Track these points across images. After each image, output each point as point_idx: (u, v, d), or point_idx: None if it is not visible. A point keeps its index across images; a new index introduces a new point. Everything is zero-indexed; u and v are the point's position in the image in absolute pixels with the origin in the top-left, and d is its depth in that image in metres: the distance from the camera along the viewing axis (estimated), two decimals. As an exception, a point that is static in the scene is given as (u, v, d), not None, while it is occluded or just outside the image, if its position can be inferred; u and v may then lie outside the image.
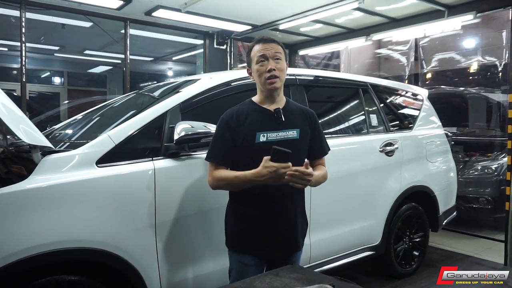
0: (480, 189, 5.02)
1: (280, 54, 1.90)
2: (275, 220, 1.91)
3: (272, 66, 1.86)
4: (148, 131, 2.22)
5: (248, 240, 1.92)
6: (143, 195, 2.08)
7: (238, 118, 1.90)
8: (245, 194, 1.89)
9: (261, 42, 1.92)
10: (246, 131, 1.87)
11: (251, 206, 1.91)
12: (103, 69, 9.79)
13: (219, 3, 4.62)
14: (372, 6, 4.72)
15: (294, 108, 2.01)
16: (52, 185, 1.85)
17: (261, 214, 1.90)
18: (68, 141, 2.57)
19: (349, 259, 3.08)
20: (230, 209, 2.01)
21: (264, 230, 1.91)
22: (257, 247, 1.92)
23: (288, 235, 1.95)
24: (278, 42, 1.94)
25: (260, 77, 1.89)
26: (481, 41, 6.86)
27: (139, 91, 3.25)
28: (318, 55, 7.58)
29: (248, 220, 1.92)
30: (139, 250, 2.07)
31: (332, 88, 3.40)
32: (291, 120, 1.93)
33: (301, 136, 1.93)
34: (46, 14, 5.51)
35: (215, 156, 1.91)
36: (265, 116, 1.91)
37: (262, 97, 1.95)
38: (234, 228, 1.96)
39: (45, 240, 1.80)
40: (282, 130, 1.90)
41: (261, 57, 1.89)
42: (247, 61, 2.01)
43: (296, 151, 1.88)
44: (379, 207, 3.29)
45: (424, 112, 3.97)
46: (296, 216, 1.97)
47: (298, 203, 2.00)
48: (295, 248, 1.99)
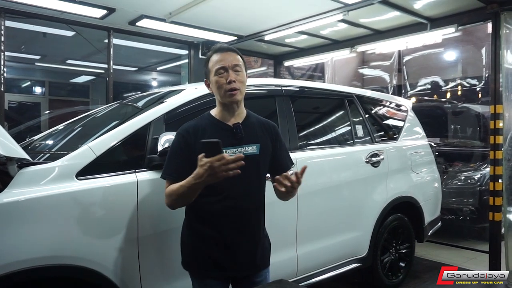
0: (463, 199, 5.07)
1: (240, 65, 1.81)
2: (235, 238, 1.80)
3: (232, 78, 1.75)
4: (130, 142, 2.16)
5: (206, 261, 1.80)
6: (125, 209, 2.01)
7: (195, 133, 1.78)
8: (202, 211, 1.80)
9: (219, 51, 1.81)
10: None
11: (209, 223, 1.80)
12: (85, 79, 9.64)
13: (204, 14, 4.60)
14: (356, 18, 4.78)
15: (255, 121, 1.90)
16: (29, 199, 1.77)
17: (219, 233, 1.79)
18: (47, 152, 2.49)
19: (336, 271, 3.04)
20: (185, 227, 1.89)
21: (224, 249, 1.79)
22: (216, 268, 1.80)
23: (250, 254, 1.84)
24: (237, 52, 1.84)
25: (220, 89, 1.78)
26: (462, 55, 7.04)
27: (122, 101, 3.18)
28: (303, 66, 7.62)
29: (205, 239, 1.80)
30: (121, 266, 1.99)
31: (318, 98, 3.39)
32: (251, 135, 1.83)
33: (261, 151, 1.83)
34: (26, 22, 5.41)
35: (170, 173, 1.77)
36: (223, 131, 1.79)
37: (221, 111, 1.84)
38: (191, 247, 1.85)
39: (21, 257, 1.71)
40: (241, 146, 1.79)
41: (220, 69, 1.77)
42: (204, 72, 1.88)
43: (256, 167, 1.81)
44: (366, 218, 3.28)
45: (408, 123, 4.01)
46: (258, 234, 1.87)
47: (259, 221, 1.89)
48: (259, 266, 1.89)
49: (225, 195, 1.77)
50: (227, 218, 1.79)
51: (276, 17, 4.78)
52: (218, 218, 1.79)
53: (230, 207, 1.77)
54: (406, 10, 4.40)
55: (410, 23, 4.86)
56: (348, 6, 4.19)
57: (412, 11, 4.48)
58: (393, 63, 7.26)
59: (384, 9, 4.39)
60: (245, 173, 1.59)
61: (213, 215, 1.79)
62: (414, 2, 4.25)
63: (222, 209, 1.77)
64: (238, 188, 1.77)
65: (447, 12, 4.50)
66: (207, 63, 1.85)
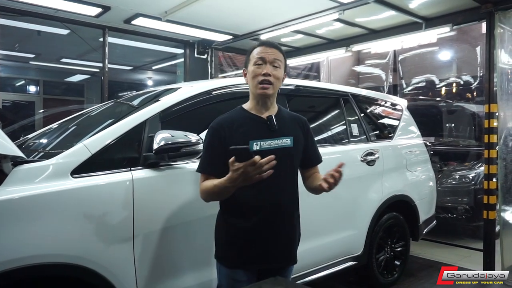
0: (458, 198, 5.10)
1: (279, 61, 1.83)
2: (271, 232, 1.82)
3: (268, 71, 1.79)
4: (126, 140, 2.14)
5: (241, 254, 1.82)
6: (121, 207, 2.00)
7: (229, 126, 1.81)
8: (239, 205, 1.81)
9: (264, 45, 1.85)
10: (239, 140, 1.76)
11: (244, 217, 1.82)
12: (80, 78, 9.59)
13: (200, 13, 4.59)
14: (352, 18, 4.80)
15: (286, 115, 1.94)
16: (23, 196, 1.76)
17: (256, 226, 1.80)
18: (42, 150, 2.47)
19: (332, 269, 3.05)
20: (220, 220, 1.92)
21: (259, 243, 1.82)
22: (251, 262, 1.82)
23: (283, 247, 1.87)
24: (281, 50, 1.87)
25: (254, 79, 1.81)
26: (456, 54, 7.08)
27: (118, 100, 3.17)
28: (299, 65, 7.63)
29: (240, 232, 1.82)
30: (116, 264, 1.98)
31: (314, 97, 3.40)
32: (284, 128, 1.87)
33: (295, 144, 1.87)
34: (21, 20, 5.36)
35: (204, 167, 1.82)
36: (258, 124, 1.84)
37: (254, 104, 1.88)
38: (225, 241, 1.87)
39: (15, 255, 1.69)
40: (276, 138, 1.82)
41: (260, 59, 1.81)
42: (245, 61, 1.93)
43: (290, 159, 1.84)
44: (361, 216, 3.29)
45: (403, 122, 4.03)
46: (291, 227, 1.90)
47: (294, 214, 1.93)
48: (290, 261, 1.92)
49: (259, 188, 1.76)
50: (261, 211, 1.81)
51: (271, 16, 4.78)
52: (251, 211, 1.81)
53: (264, 200, 1.78)
54: (401, 9, 4.42)
55: (405, 22, 4.89)
56: (344, 5, 4.21)
57: (407, 11, 4.51)
58: (388, 62, 7.28)
59: (379, 9, 4.40)
60: (279, 166, 1.62)
61: (247, 208, 1.81)
62: (409, 2, 4.27)
63: (256, 202, 1.78)
64: (272, 180, 1.74)
65: (442, 12, 4.53)
66: (249, 53, 1.89)
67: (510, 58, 3.96)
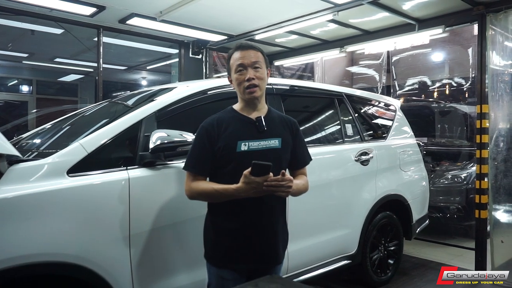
0: (450, 198, 5.15)
1: (259, 62, 1.86)
2: (256, 232, 1.85)
3: (251, 75, 1.82)
4: (122, 139, 2.16)
5: (228, 254, 1.85)
6: (117, 206, 2.01)
7: (218, 126, 1.84)
8: (224, 205, 1.83)
9: (240, 49, 1.87)
10: (227, 140, 1.81)
11: (230, 217, 1.85)
12: (74, 78, 9.52)
13: (195, 13, 4.60)
14: (346, 19, 4.82)
15: (276, 116, 1.97)
16: (19, 195, 1.76)
17: (241, 226, 1.84)
18: (36, 150, 2.47)
19: (326, 268, 3.07)
20: (208, 221, 1.95)
21: (244, 243, 1.84)
22: (237, 261, 1.85)
23: (269, 248, 1.89)
24: (258, 49, 1.89)
25: (239, 86, 1.85)
26: (449, 56, 7.15)
27: (112, 99, 3.17)
28: (293, 65, 7.66)
29: (227, 233, 1.85)
30: (112, 263, 1.99)
31: (308, 97, 3.42)
32: (273, 129, 1.89)
33: (283, 145, 1.89)
34: (14, 19, 5.33)
35: (193, 165, 1.84)
36: (246, 124, 1.86)
37: (243, 105, 1.91)
38: (213, 241, 1.90)
39: (10, 254, 1.69)
40: (264, 139, 1.85)
41: (240, 66, 1.84)
42: (227, 69, 1.96)
43: (278, 161, 1.85)
44: (355, 216, 3.32)
45: (397, 122, 4.06)
46: (277, 228, 1.92)
47: (280, 214, 1.94)
48: (275, 261, 1.94)
49: None
50: (248, 211, 1.83)
51: (266, 17, 4.80)
52: (239, 211, 1.83)
53: (251, 201, 1.79)
54: (394, 11, 4.46)
55: (399, 23, 4.93)
56: (338, 6, 4.23)
57: (401, 12, 4.54)
58: (382, 63, 7.33)
59: (373, 10, 4.44)
60: None
61: (234, 208, 1.83)
62: (403, 3, 4.31)
63: (243, 202, 1.79)
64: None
65: (435, 14, 4.57)
66: (228, 60, 1.92)
67: (501, 59, 4.02)
